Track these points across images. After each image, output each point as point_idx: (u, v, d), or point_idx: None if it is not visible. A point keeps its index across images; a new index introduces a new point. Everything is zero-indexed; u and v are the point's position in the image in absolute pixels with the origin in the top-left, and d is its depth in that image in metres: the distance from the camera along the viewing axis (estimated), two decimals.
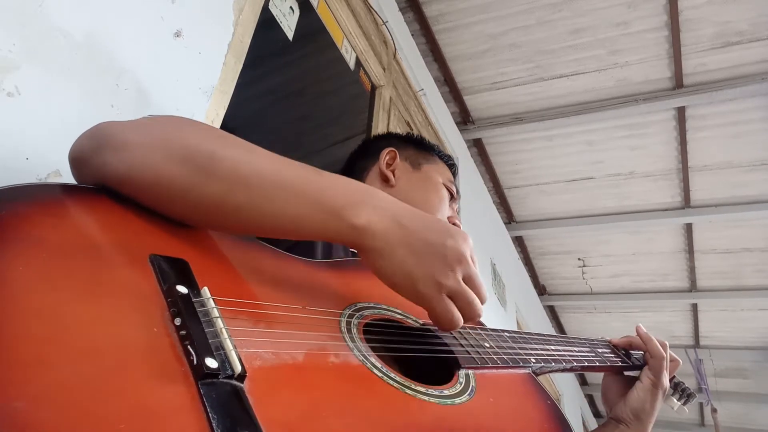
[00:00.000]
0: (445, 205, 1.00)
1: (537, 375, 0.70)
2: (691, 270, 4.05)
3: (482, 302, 0.56)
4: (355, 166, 1.06)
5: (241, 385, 0.39)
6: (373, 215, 0.52)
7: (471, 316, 0.55)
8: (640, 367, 0.96)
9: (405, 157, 1.04)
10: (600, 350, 0.93)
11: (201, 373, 0.37)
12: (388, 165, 1.02)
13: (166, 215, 0.51)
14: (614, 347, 0.99)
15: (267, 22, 1.44)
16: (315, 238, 0.53)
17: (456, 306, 0.54)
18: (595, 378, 5.89)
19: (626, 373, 0.97)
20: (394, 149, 1.03)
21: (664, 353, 0.95)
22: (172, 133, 0.51)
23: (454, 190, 1.04)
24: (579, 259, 4.27)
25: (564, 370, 0.80)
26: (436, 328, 0.62)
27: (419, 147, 1.08)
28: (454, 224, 0.98)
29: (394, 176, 1.00)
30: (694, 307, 4.45)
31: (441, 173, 1.04)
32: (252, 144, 0.54)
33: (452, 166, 1.10)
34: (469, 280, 0.55)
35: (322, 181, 0.53)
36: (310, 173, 0.53)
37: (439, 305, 0.53)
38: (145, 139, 0.50)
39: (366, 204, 0.53)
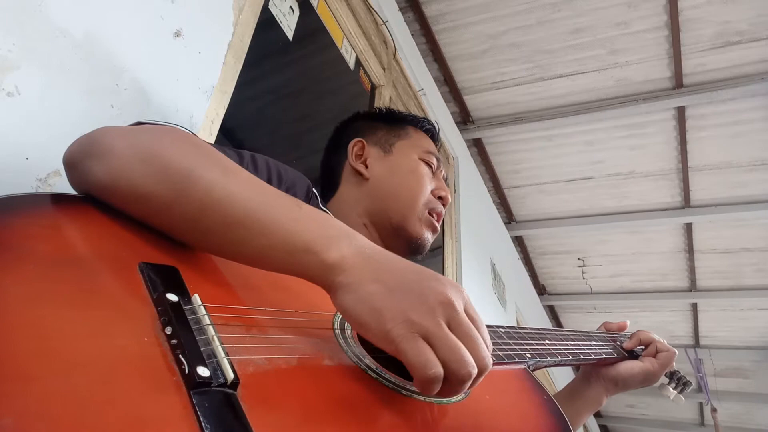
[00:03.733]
0: (425, 183, 0.93)
1: (533, 370, 0.70)
2: (691, 270, 4.04)
3: (480, 367, 0.44)
4: (331, 163, 1.01)
5: (234, 392, 0.38)
6: (347, 252, 0.47)
7: (456, 369, 0.42)
8: (635, 358, 0.98)
9: (374, 142, 0.97)
10: (595, 343, 0.94)
11: (193, 383, 0.37)
12: (358, 157, 0.96)
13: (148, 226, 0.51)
14: (616, 343, 0.99)
15: (267, 22, 1.44)
16: (283, 272, 0.49)
17: (436, 353, 0.42)
18: None
19: None
20: (360, 139, 0.97)
21: (676, 351, 0.97)
22: (154, 148, 0.50)
23: (434, 160, 0.96)
24: (579, 258, 4.26)
25: (559, 364, 0.81)
26: None
27: (390, 122, 1.00)
28: (440, 197, 0.93)
29: (366, 168, 0.94)
30: (694, 306, 4.45)
31: (416, 146, 0.96)
32: (236, 166, 0.52)
33: (429, 131, 1.02)
34: (458, 329, 0.44)
35: (298, 215, 0.49)
36: (287, 205, 0.50)
37: (407, 345, 0.42)
38: (128, 151, 0.49)
39: (341, 241, 0.48)
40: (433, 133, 1.03)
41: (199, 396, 0.36)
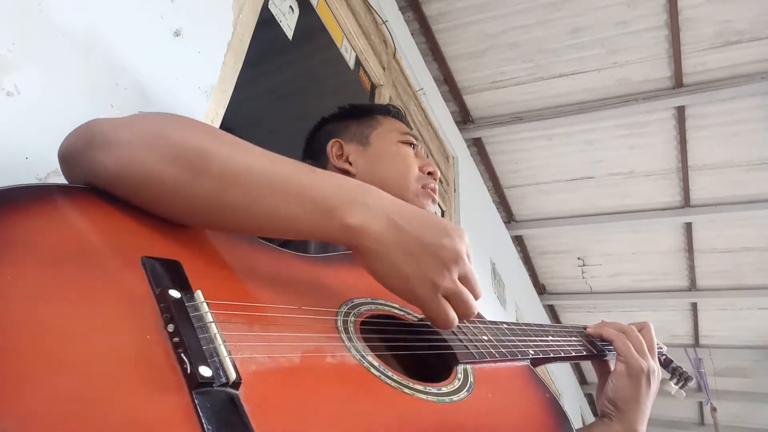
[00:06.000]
0: (412, 162, 0.95)
1: (535, 366, 0.70)
2: (691, 269, 4.04)
3: (476, 298, 0.57)
4: None
5: (236, 392, 0.38)
6: (367, 214, 0.51)
7: (466, 314, 0.55)
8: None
9: (349, 138, 0.99)
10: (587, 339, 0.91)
11: (195, 383, 0.36)
12: (339, 157, 0.97)
13: (157, 215, 0.50)
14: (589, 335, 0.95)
15: (266, 22, 1.43)
16: (308, 238, 0.52)
17: (452, 305, 0.54)
18: (596, 377, 5.89)
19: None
20: (337, 139, 0.98)
21: (616, 332, 0.86)
22: (162, 131, 0.50)
23: (412, 138, 0.99)
24: (579, 258, 4.26)
25: (563, 360, 0.80)
26: None
27: (357, 117, 1.02)
28: (430, 173, 0.96)
29: (350, 165, 0.95)
30: (694, 306, 4.45)
31: (391, 131, 0.99)
32: (244, 141, 0.53)
33: (397, 114, 1.04)
34: (464, 278, 0.55)
35: (315, 180, 0.52)
36: (302, 171, 0.52)
37: (435, 307, 0.53)
38: (136, 137, 0.49)
39: (359, 203, 0.51)
40: (401, 116, 1.05)
41: (201, 396, 0.36)
